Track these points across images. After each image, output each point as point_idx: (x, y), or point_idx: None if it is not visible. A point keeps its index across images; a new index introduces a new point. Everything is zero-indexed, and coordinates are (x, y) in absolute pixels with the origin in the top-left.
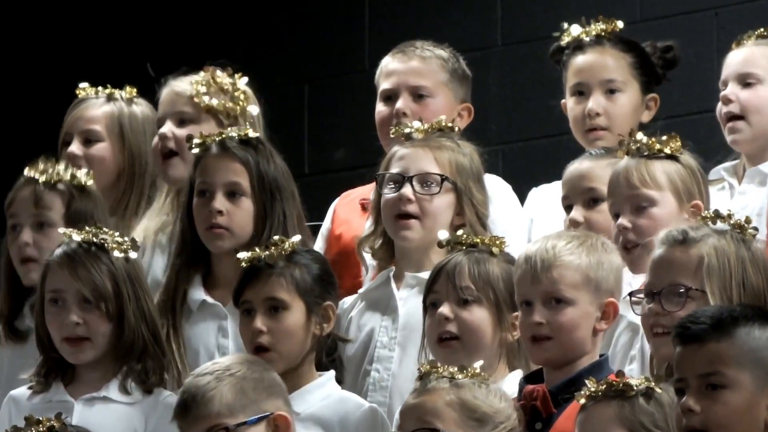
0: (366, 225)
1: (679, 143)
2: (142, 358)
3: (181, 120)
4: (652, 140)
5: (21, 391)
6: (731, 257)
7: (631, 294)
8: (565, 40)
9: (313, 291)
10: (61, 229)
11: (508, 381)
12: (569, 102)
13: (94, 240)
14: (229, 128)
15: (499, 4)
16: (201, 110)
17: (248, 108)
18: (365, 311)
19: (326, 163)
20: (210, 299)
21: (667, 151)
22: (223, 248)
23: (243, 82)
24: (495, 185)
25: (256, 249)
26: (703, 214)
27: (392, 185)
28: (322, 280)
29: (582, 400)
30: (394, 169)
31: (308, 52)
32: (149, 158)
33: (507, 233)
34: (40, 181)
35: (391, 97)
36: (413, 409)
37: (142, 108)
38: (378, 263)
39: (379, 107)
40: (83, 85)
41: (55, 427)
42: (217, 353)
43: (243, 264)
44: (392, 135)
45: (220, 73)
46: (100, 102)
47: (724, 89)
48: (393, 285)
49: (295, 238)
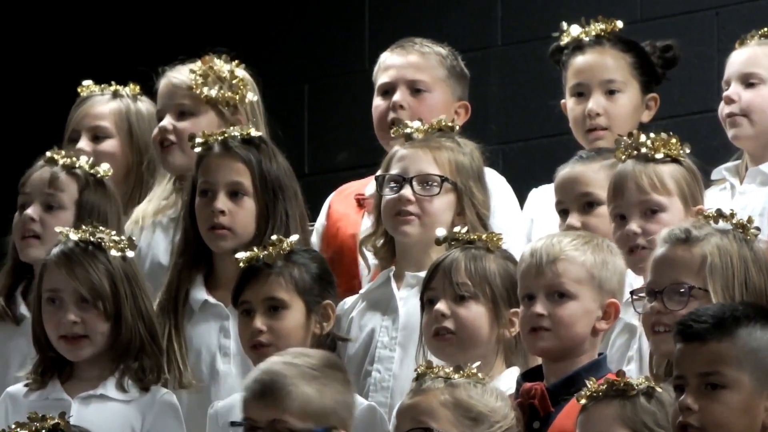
0: (366, 224)
1: (678, 144)
2: (139, 356)
3: (181, 112)
4: (657, 143)
5: (17, 388)
6: (734, 257)
7: (632, 292)
8: (564, 40)
9: (312, 290)
10: (58, 228)
11: (505, 378)
12: (569, 102)
13: (91, 239)
14: (232, 127)
15: (499, 3)
16: (200, 101)
17: (247, 95)
18: (366, 311)
19: (326, 163)
20: (212, 299)
21: (672, 154)
22: (225, 248)
23: (241, 69)
24: (491, 180)
25: (255, 249)
26: (705, 213)
27: (392, 186)
28: (321, 279)
29: (583, 401)
30: (394, 170)
31: (308, 52)
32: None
33: (504, 229)
34: (60, 163)
35: (388, 91)
36: (408, 410)
37: (147, 105)
38: (380, 262)
39: (377, 101)
40: (86, 83)
41: (60, 425)
42: (218, 353)
43: (241, 264)
44: (393, 135)
45: (217, 61)
46: (107, 99)
47: (727, 89)
48: (393, 285)
49: (293, 237)
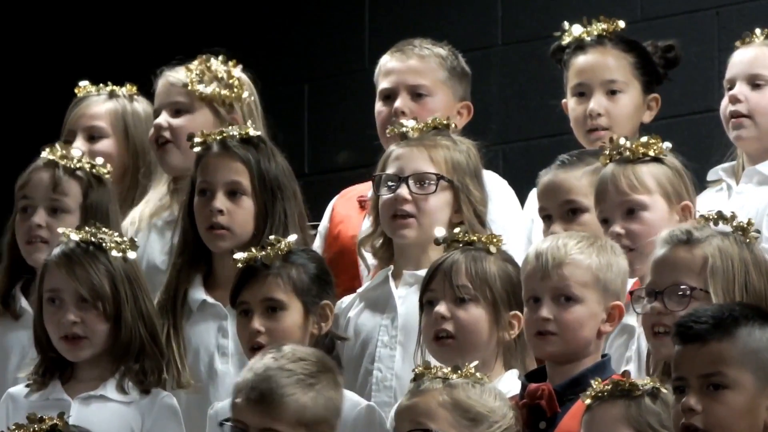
0: (365, 225)
1: (661, 144)
2: (139, 357)
3: (176, 110)
4: (636, 144)
5: (19, 388)
6: (735, 259)
7: (632, 292)
8: (566, 39)
9: (310, 290)
10: (61, 228)
11: (504, 380)
12: (570, 102)
13: (92, 240)
14: (230, 127)
15: (499, 3)
16: (195, 99)
17: (243, 95)
18: (364, 311)
19: (326, 163)
20: (210, 299)
21: (652, 154)
22: (224, 248)
23: (238, 69)
24: (492, 182)
25: (252, 249)
26: (705, 215)
27: (389, 186)
28: (319, 279)
29: (588, 401)
30: (390, 170)
31: (308, 52)
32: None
33: (505, 230)
34: (60, 165)
35: (390, 96)
36: (407, 411)
37: (144, 105)
38: (378, 263)
39: (379, 107)
40: (83, 83)
41: (58, 425)
42: (216, 353)
43: (239, 265)
44: (388, 135)
45: (214, 60)
46: (103, 99)
47: (728, 87)
48: (392, 283)
49: (291, 237)
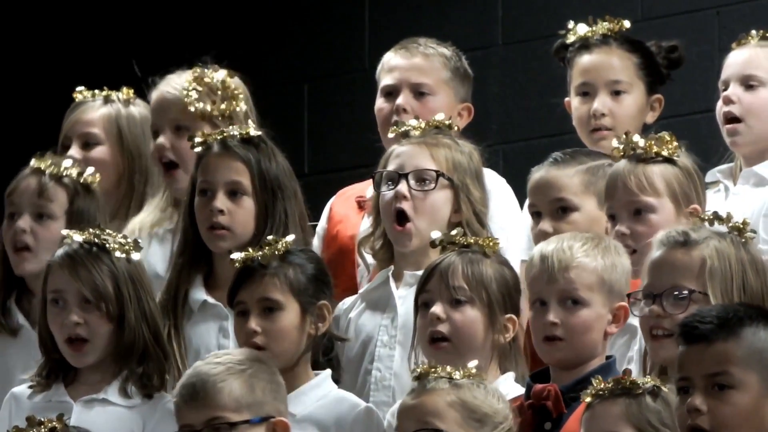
0: (365, 226)
1: (675, 144)
2: (143, 360)
3: (177, 127)
4: (650, 143)
5: (22, 389)
6: (732, 260)
7: (629, 295)
8: (570, 38)
9: (307, 291)
10: (65, 231)
11: (501, 384)
12: (574, 101)
13: (96, 240)
14: (231, 127)
15: (499, 3)
16: (195, 116)
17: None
18: (364, 311)
19: (326, 163)
20: (211, 299)
21: (665, 154)
22: (224, 248)
23: (227, 75)
24: (491, 181)
25: (250, 249)
26: (702, 216)
27: (389, 183)
28: (317, 280)
29: (588, 399)
30: (390, 167)
31: (308, 51)
32: (149, 160)
33: (503, 228)
34: (47, 172)
35: (392, 93)
36: (413, 410)
37: (140, 109)
38: (378, 264)
39: (380, 103)
40: (80, 88)
41: (57, 428)
42: None
43: (237, 265)
44: (390, 134)
45: (206, 72)
46: (98, 104)
47: (724, 88)
48: (392, 284)
49: (290, 237)
